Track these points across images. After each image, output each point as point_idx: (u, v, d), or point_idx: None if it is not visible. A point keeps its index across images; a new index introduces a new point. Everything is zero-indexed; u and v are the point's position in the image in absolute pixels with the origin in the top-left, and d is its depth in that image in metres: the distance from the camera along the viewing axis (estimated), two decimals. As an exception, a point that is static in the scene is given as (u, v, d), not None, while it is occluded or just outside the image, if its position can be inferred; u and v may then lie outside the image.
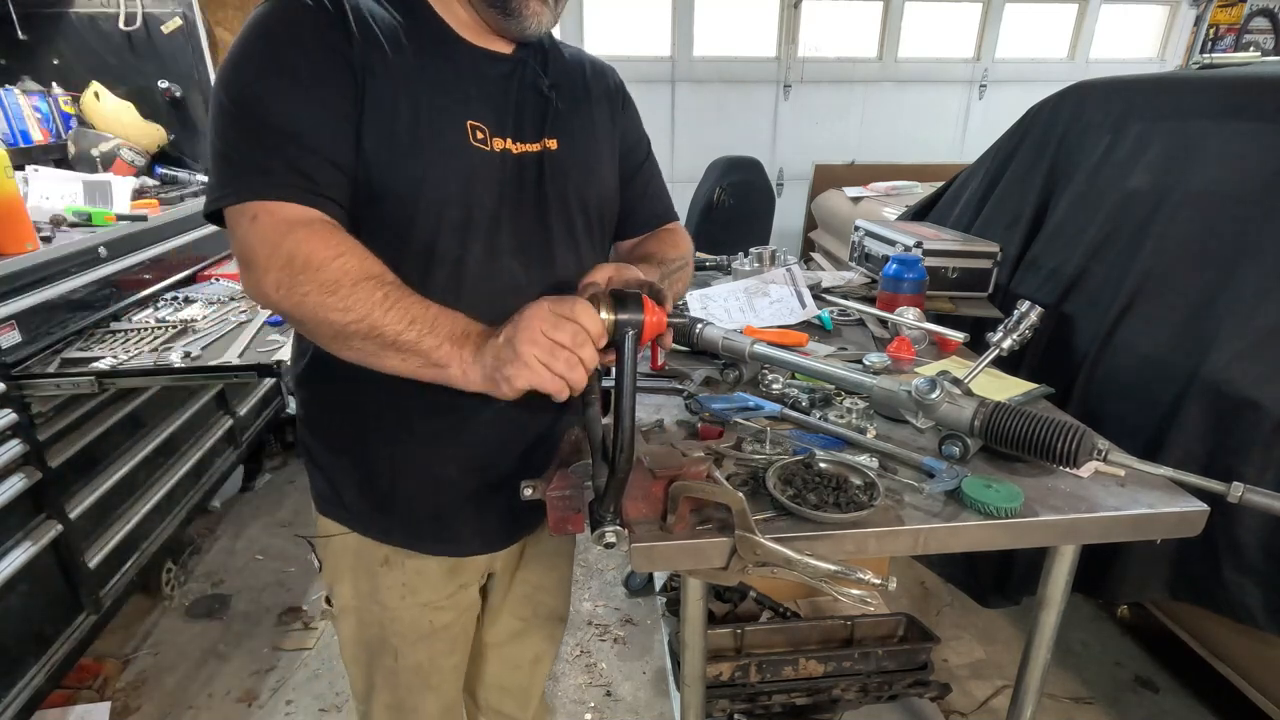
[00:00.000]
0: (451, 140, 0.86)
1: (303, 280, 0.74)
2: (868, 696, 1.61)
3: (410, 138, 0.83)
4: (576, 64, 1.03)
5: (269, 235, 0.76)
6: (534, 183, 0.93)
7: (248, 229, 0.77)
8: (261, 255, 0.76)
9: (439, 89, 0.86)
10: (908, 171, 3.75)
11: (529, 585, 1.18)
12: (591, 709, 1.90)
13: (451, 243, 0.87)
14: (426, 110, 0.84)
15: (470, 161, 0.87)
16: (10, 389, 1.55)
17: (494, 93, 0.90)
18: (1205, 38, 5.06)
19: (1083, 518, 0.93)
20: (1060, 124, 1.99)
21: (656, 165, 1.17)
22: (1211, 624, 1.55)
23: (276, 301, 0.76)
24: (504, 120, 0.90)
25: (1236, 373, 1.32)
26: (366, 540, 1.00)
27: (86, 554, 1.75)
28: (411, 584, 1.02)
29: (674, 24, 4.30)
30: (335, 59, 0.80)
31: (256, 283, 0.77)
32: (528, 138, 0.92)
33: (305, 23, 0.80)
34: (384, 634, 1.04)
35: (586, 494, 0.83)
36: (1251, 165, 1.45)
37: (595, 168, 1.01)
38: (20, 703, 1.53)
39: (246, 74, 0.79)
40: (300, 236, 0.75)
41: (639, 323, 0.74)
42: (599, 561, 2.47)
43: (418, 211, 0.85)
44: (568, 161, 0.96)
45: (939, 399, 1.03)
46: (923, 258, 1.73)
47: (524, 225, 0.92)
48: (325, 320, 0.75)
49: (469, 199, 0.87)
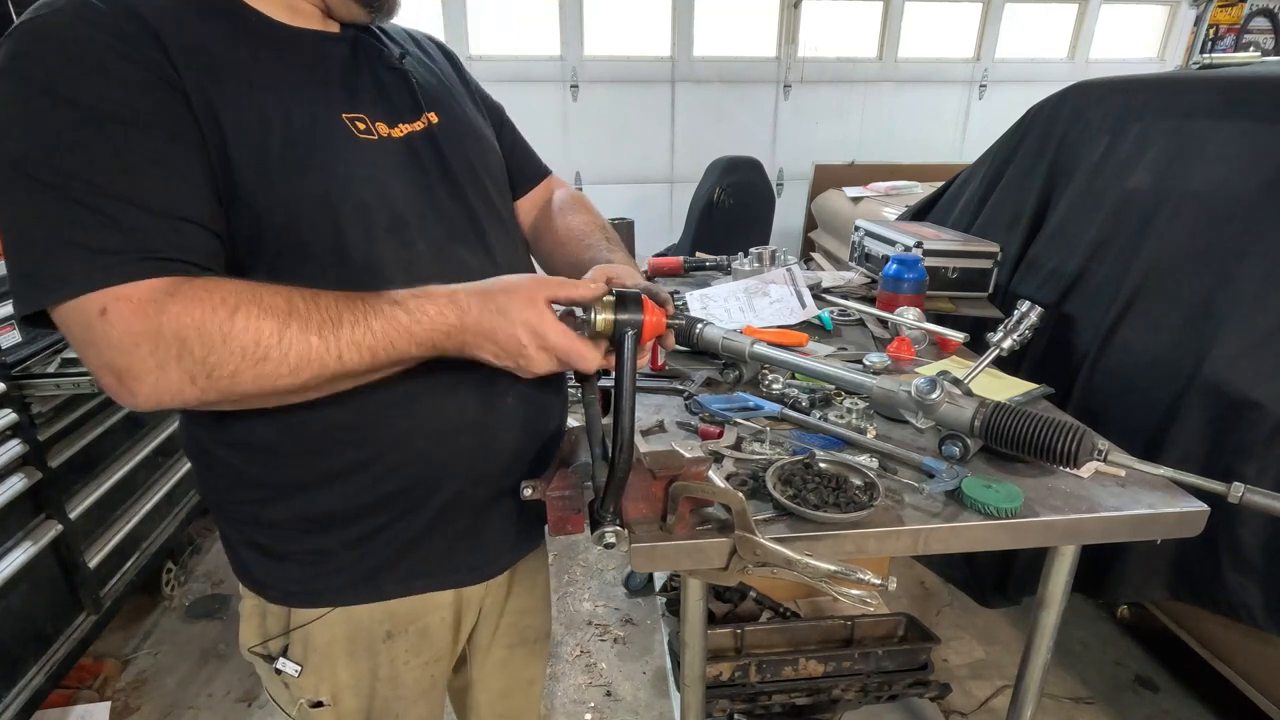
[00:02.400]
0: (340, 139, 0.75)
1: (218, 360, 0.61)
2: (868, 696, 1.61)
3: (294, 149, 0.71)
4: (398, 31, 0.95)
5: (134, 328, 0.59)
6: (435, 162, 0.84)
7: (100, 330, 0.59)
8: (139, 358, 0.60)
9: (295, 87, 0.74)
10: (908, 171, 3.75)
11: (515, 613, 1.10)
12: (591, 709, 1.90)
13: (391, 249, 0.77)
14: (297, 114, 0.72)
15: (367, 156, 0.77)
16: (10, 389, 1.55)
17: (349, 78, 0.80)
18: (1205, 38, 5.06)
19: (1083, 518, 0.93)
20: (1060, 124, 1.99)
21: (512, 122, 1.10)
22: (1211, 624, 1.55)
23: (201, 395, 0.62)
24: (374, 104, 0.80)
25: (1236, 373, 1.32)
26: (356, 612, 0.87)
27: (86, 554, 1.75)
28: (415, 647, 0.92)
29: (674, 24, 4.31)
30: (147, 85, 0.63)
31: (154, 388, 0.61)
32: (407, 117, 0.83)
33: (89, 51, 0.62)
34: (387, 705, 0.94)
35: (586, 494, 0.83)
36: (1251, 165, 1.45)
37: (481, 131, 0.95)
38: (20, 703, 1.53)
39: (27, 134, 0.60)
40: (178, 311, 0.60)
41: (639, 323, 0.74)
42: (599, 561, 2.47)
43: (342, 226, 0.74)
44: (456, 131, 0.88)
45: (939, 399, 1.03)
46: (923, 258, 1.73)
47: (449, 210, 0.84)
48: (276, 389, 0.65)
49: (387, 197, 0.78)
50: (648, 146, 4.45)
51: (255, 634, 0.91)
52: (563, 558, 2.49)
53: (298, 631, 0.87)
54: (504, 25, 4.22)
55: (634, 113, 4.30)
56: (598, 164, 4.44)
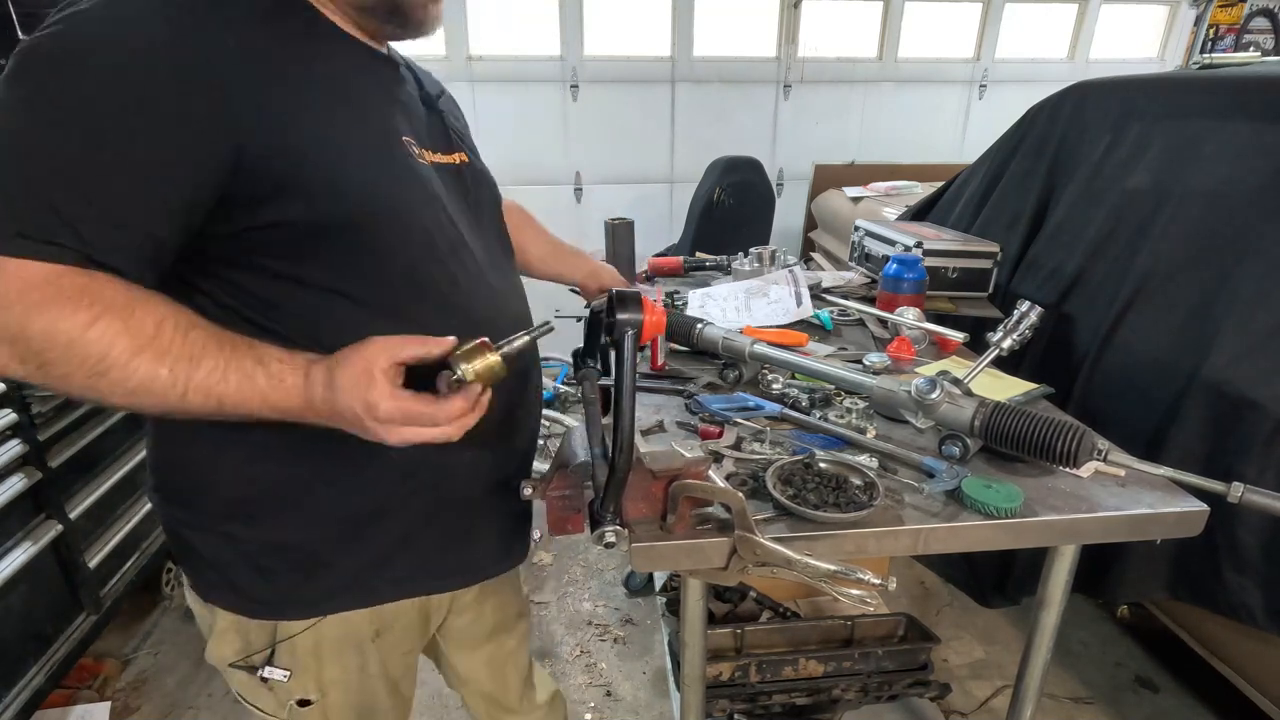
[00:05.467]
0: (400, 154, 0.78)
1: (54, 358, 0.60)
2: (868, 696, 1.61)
3: (368, 153, 0.74)
4: (419, 68, 0.98)
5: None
6: (465, 196, 0.90)
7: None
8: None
9: (359, 94, 0.77)
10: (908, 171, 3.75)
11: (493, 609, 1.13)
12: (591, 709, 1.90)
13: (445, 271, 0.81)
14: (360, 120, 0.75)
15: (422, 177, 0.80)
16: (10, 389, 1.55)
17: (399, 99, 0.83)
18: (1205, 38, 5.06)
19: (1083, 518, 0.93)
20: (1060, 124, 1.99)
21: None
22: (1211, 624, 1.55)
23: (25, 376, 0.62)
24: (418, 131, 0.84)
25: (1236, 373, 1.32)
26: (348, 616, 0.88)
27: (86, 554, 1.75)
28: (398, 641, 0.96)
29: (674, 24, 4.30)
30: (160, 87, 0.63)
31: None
32: (441, 150, 0.88)
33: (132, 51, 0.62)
34: (373, 695, 0.97)
35: (586, 494, 0.83)
36: (1251, 165, 1.45)
37: (492, 179, 1.01)
38: (20, 703, 1.53)
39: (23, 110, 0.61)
40: (37, 300, 0.59)
41: (639, 323, 0.75)
42: (599, 561, 2.47)
43: (404, 236, 0.77)
44: (479, 173, 0.96)
45: (939, 399, 1.03)
46: (923, 258, 1.73)
47: (479, 240, 0.89)
48: (104, 402, 0.65)
49: (439, 217, 0.81)
50: (648, 146, 4.44)
51: (235, 650, 0.89)
52: (563, 558, 2.49)
53: (285, 641, 0.87)
54: (504, 25, 4.22)
55: (634, 113, 4.30)
56: (598, 164, 4.44)
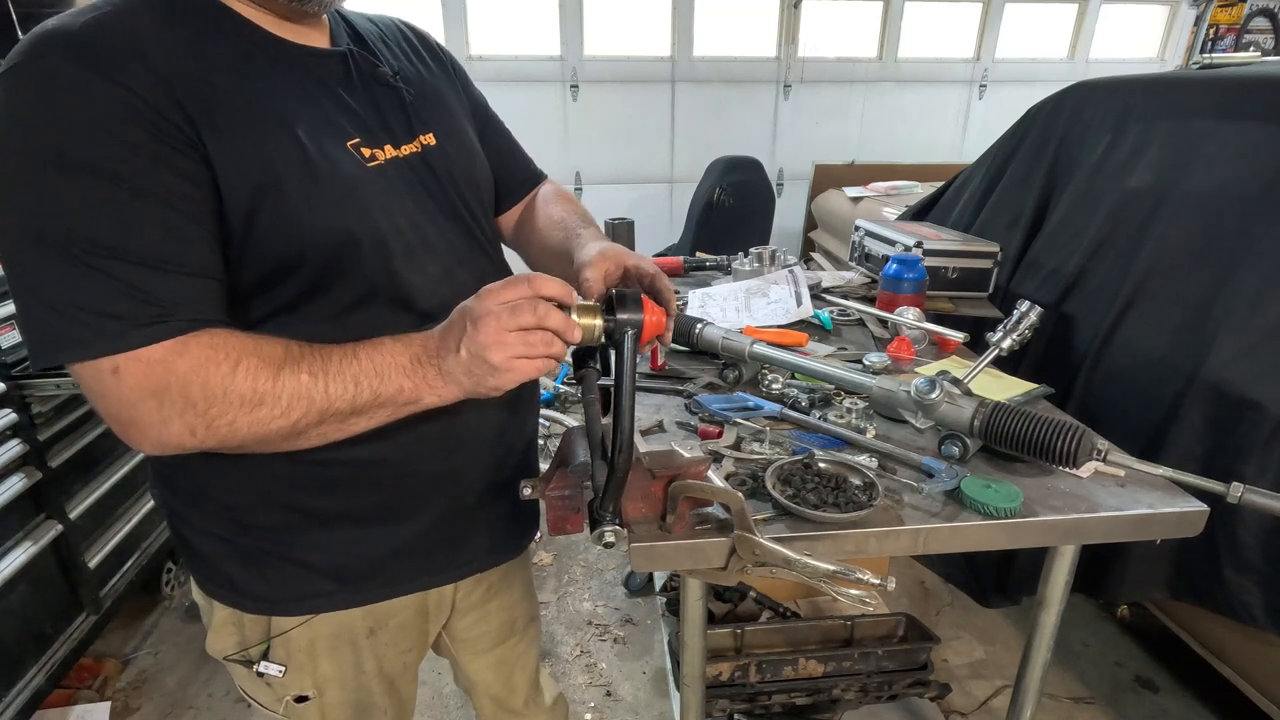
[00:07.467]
0: (348, 166, 0.75)
1: (219, 412, 0.64)
2: (868, 696, 1.61)
3: (312, 185, 0.71)
4: (391, 31, 0.92)
5: (144, 385, 0.62)
6: (433, 184, 0.85)
7: (111, 385, 0.63)
8: (145, 411, 0.63)
9: (306, 120, 0.73)
10: (908, 171, 3.75)
11: (503, 610, 1.12)
12: (591, 709, 1.90)
13: (407, 276, 0.79)
14: (311, 149, 0.72)
15: (375, 184, 0.77)
16: (10, 389, 1.55)
17: (345, 97, 0.79)
18: (1205, 38, 5.06)
19: (1083, 518, 0.93)
20: (1060, 124, 1.99)
21: (499, 117, 1.07)
22: (1211, 624, 1.55)
23: (200, 444, 0.66)
24: (369, 126, 0.80)
25: (1236, 373, 1.32)
26: (340, 614, 0.88)
27: (86, 554, 1.75)
28: (394, 639, 0.95)
29: (674, 24, 4.31)
30: (151, 139, 0.62)
31: (157, 438, 0.65)
32: (400, 139, 0.82)
33: (93, 103, 0.60)
34: (369, 692, 0.96)
35: (585, 494, 0.83)
36: (1251, 165, 1.45)
37: (471, 148, 0.93)
38: (20, 703, 1.53)
39: (29, 195, 0.60)
40: (185, 370, 0.63)
41: (639, 323, 0.74)
42: (599, 561, 2.47)
43: (363, 257, 0.75)
44: (450, 153, 0.87)
45: (939, 399, 1.03)
46: (923, 258, 1.73)
47: (448, 233, 0.85)
48: (269, 433, 0.67)
49: (397, 224, 0.78)
50: (648, 146, 4.45)
51: (231, 643, 0.90)
52: (563, 558, 2.49)
53: (279, 636, 0.88)
54: (504, 25, 4.22)
55: (634, 113, 4.30)
56: (598, 164, 4.44)
